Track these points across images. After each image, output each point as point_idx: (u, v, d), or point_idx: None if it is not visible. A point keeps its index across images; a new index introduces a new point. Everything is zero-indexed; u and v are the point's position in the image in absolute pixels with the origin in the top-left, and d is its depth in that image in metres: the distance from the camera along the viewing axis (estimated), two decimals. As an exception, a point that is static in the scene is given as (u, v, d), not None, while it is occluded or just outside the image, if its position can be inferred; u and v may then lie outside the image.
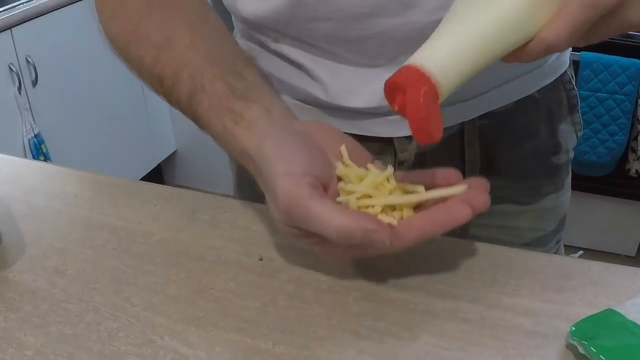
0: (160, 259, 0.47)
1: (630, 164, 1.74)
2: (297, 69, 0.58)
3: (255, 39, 0.59)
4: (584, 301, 0.41)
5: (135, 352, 0.38)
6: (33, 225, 0.51)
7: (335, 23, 0.51)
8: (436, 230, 0.39)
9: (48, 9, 1.80)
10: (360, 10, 0.50)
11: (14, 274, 0.46)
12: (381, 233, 0.37)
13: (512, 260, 0.46)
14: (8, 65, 1.71)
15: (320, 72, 0.56)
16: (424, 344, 0.38)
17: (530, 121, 0.62)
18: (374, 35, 0.52)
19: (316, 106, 0.59)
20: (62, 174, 0.59)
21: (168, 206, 0.53)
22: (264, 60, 0.60)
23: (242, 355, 0.38)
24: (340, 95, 0.56)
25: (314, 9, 0.51)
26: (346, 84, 0.56)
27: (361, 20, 0.51)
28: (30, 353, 0.39)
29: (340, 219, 0.37)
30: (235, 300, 0.42)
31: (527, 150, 0.62)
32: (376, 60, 0.54)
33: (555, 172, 0.65)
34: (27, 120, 1.78)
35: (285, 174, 0.39)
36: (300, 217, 0.38)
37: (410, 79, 0.37)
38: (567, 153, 0.66)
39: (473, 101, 0.58)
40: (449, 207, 0.39)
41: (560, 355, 0.37)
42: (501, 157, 0.62)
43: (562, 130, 0.64)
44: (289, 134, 0.43)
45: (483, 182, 0.42)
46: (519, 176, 0.63)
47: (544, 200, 0.65)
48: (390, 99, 0.38)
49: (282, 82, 0.60)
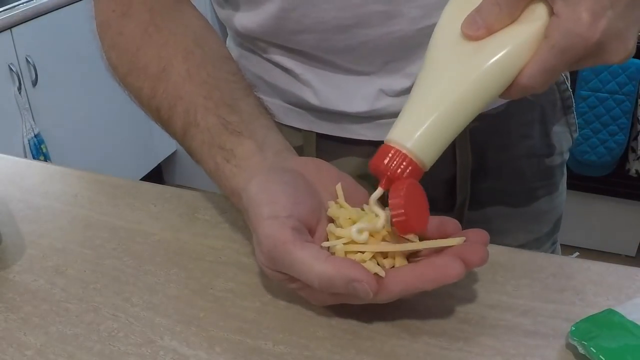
0: (160, 259, 0.47)
1: (630, 164, 1.74)
2: (287, 74, 0.58)
3: (246, 46, 0.60)
4: (584, 301, 0.41)
5: (135, 352, 0.38)
6: (33, 225, 0.51)
7: (320, 34, 0.51)
8: (424, 286, 0.36)
9: (48, 9, 1.80)
10: (342, 22, 0.50)
11: (14, 274, 0.46)
12: (365, 284, 0.35)
13: (512, 260, 0.46)
14: (8, 65, 1.71)
15: (310, 77, 0.56)
16: (424, 344, 0.38)
17: (523, 123, 0.61)
18: (359, 45, 0.52)
19: (307, 109, 0.59)
20: (62, 174, 0.59)
21: (168, 206, 0.53)
22: (255, 65, 0.60)
23: (242, 355, 0.38)
24: (331, 100, 0.56)
25: (297, 22, 0.51)
26: (336, 89, 0.56)
27: (345, 32, 0.51)
28: (30, 353, 0.39)
29: (321, 267, 0.35)
30: (235, 300, 0.42)
31: (520, 152, 0.62)
32: (364, 67, 0.54)
33: (549, 174, 0.65)
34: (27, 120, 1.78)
35: (269, 217, 0.38)
36: (282, 262, 0.37)
37: (392, 166, 0.37)
38: (561, 155, 0.65)
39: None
40: (441, 262, 0.36)
41: (560, 355, 0.37)
42: (493, 159, 0.61)
43: (556, 132, 0.63)
44: (278, 173, 0.41)
45: (483, 235, 0.40)
46: (512, 178, 0.62)
47: (538, 202, 0.64)
48: (377, 174, 0.38)
49: (272, 85, 0.60)
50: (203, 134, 0.45)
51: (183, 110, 0.46)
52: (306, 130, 0.60)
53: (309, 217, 0.40)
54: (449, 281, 0.35)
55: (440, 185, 0.61)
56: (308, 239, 0.38)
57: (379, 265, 0.39)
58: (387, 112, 0.56)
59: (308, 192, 0.41)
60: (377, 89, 0.55)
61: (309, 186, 0.42)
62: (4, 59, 1.70)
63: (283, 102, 0.60)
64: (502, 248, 0.47)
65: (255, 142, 0.44)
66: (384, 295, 0.36)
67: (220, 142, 0.44)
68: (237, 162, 0.43)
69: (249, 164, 0.42)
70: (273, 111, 0.62)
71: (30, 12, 1.75)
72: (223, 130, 0.44)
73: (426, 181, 0.59)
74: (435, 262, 0.37)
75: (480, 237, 0.39)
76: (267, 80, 0.60)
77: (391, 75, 0.54)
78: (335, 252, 0.38)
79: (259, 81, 0.61)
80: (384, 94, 0.55)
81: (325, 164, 0.45)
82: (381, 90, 0.55)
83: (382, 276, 0.37)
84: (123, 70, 0.51)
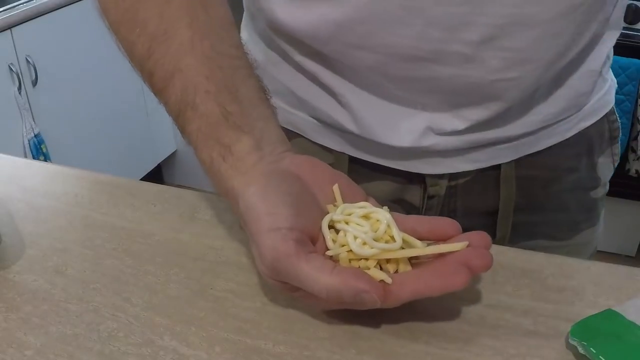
0: (160, 259, 0.47)
1: (630, 164, 1.74)
2: (324, 91, 0.54)
3: (277, 47, 0.55)
4: (584, 301, 0.41)
5: (135, 352, 0.38)
6: (33, 225, 0.51)
7: (382, 57, 0.48)
8: (431, 293, 0.36)
9: (48, 9, 1.80)
10: (415, 53, 0.47)
11: (14, 274, 0.46)
12: (372, 294, 0.35)
13: (512, 260, 0.46)
14: (8, 65, 1.71)
15: (352, 100, 0.52)
16: (424, 344, 0.38)
17: (570, 156, 0.59)
18: (423, 79, 0.48)
19: (341, 132, 0.56)
20: (62, 174, 0.59)
21: (168, 206, 0.53)
22: (285, 74, 0.56)
23: (242, 355, 0.38)
24: (371, 129, 0.53)
25: (360, 37, 0.47)
26: (379, 118, 0.52)
27: (413, 62, 0.47)
28: (30, 353, 0.39)
29: (328, 279, 0.35)
30: (235, 300, 0.42)
31: (566, 185, 0.60)
32: (418, 100, 0.51)
33: (593, 207, 0.63)
34: (27, 120, 1.78)
35: (271, 229, 0.37)
36: (286, 274, 0.37)
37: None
38: (604, 186, 0.63)
39: (510, 144, 0.55)
40: (447, 270, 0.36)
41: (560, 355, 0.37)
42: (538, 193, 0.59)
43: (601, 164, 0.61)
44: (276, 180, 0.40)
45: (485, 238, 0.39)
46: (555, 212, 0.60)
47: (579, 235, 0.62)
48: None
49: (303, 101, 0.56)
50: (200, 120, 0.42)
51: (181, 87, 0.43)
52: (338, 152, 0.58)
53: (311, 227, 0.39)
54: (454, 289, 0.36)
55: (481, 217, 0.59)
56: (311, 249, 0.38)
57: (383, 269, 0.39)
58: (432, 150, 0.53)
59: (307, 200, 0.40)
60: (425, 126, 0.52)
61: (307, 192, 0.41)
62: (4, 59, 1.70)
63: (314, 119, 0.57)
64: (502, 248, 0.47)
65: (253, 138, 0.42)
66: (391, 301, 0.36)
67: (218, 135, 0.42)
68: (234, 162, 0.41)
69: (246, 165, 0.41)
70: (301, 127, 0.59)
71: (30, 12, 1.75)
72: (222, 121, 0.42)
73: (466, 212, 0.59)
74: (441, 269, 0.37)
75: (483, 240, 0.39)
76: (298, 95, 0.56)
77: (444, 113, 0.51)
78: (340, 260, 0.38)
79: (287, 92, 0.57)
80: (431, 131, 0.52)
81: (320, 163, 0.44)
82: (429, 128, 0.52)
83: (388, 283, 0.37)
84: (116, 17, 0.47)
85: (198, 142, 0.43)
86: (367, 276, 0.36)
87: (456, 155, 0.55)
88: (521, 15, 0.44)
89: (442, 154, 0.55)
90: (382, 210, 0.40)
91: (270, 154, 0.42)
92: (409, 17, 0.45)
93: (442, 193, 0.57)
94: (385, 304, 0.36)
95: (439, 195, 0.57)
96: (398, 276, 0.38)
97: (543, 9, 0.43)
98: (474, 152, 0.55)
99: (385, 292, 0.36)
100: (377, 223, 0.39)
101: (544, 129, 0.55)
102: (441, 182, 0.57)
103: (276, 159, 0.42)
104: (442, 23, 0.45)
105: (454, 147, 0.54)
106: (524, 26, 0.45)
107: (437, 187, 0.57)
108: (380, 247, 0.38)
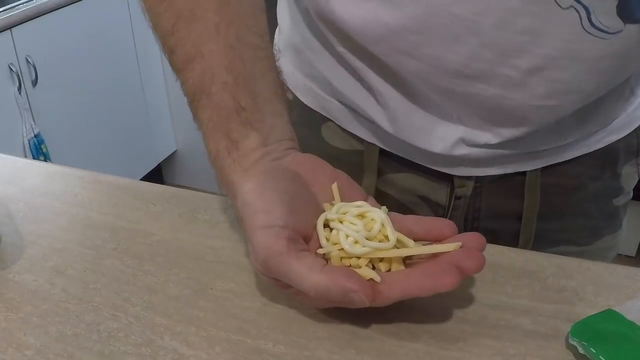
0: (160, 259, 0.47)
1: (630, 164, 1.73)
2: (362, 86, 0.54)
3: (321, 34, 0.54)
4: (584, 301, 0.41)
5: (135, 352, 0.38)
6: (33, 225, 0.51)
7: (429, 68, 0.48)
8: (421, 293, 0.36)
9: (48, 9, 1.80)
10: (463, 70, 0.46)
11: (14, 274, 0.46)
12: (361, 294, 0.35)
13: (512, 260, 0.46)
14: (8, 65, 1.71)
15: (390, 101, 0.53)
16: (424, 344, 0.38)
17: (595, 165, 0.59)
18: (465, 94, 0.49)
19: (371, 124, 0.56)
20: (62, 174, 0.59)
21: (168, 206, 0.53)
22: (321, 60, 0.55)
23: (242, 355, 0.38)
24: (406, 131, 0.54)
25: (410, 45, 0.47)
26: (416, 122, 0.53)
27: (459, 78, 0.47)
28: (30, 353, 0.39)
29: (317, 278, 0.36)
30: (235, 300, 0.42)
31: (589, 194, 0.60)
32: (457, 112, 0.51)
33: (615, 215, 0.63)
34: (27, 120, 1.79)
35: (264, 226, 0.38)
36: (277, 271, 0.37)
37: None
38: (628, 194, 0.63)
39: (537, 155, 0.56)
40: (437, 270, 0.36)
41: (560, 355, 0.37)
42: (562, 200, 0.59)
43: (625, 173, 0.62)
44: (274, 178, 0.41)
45: (479, 239, 0.39)
46: (578, 218, 0.61)
47: (601, 240, 0.62)
48: None
49: (337, 90, 0.56)
50: (213, 110, 0.42)
51: (199, 72, 0.43)
52: (369, 143, 0.58)
53: (305, 226, 0.39)
54: (444, 290, 0.35)
55: (505, 221, 0.59)
56: (303, 247, 0.38)
57: (375, 268, 0.39)
58: (463, 159, 0.54)
59: (304, 198, 0.41)
60: (458, 137, 0.53)
61: (305, 190, 0.41)
62: (4, 59, 1.70)
63: (347, 108, 0.57)
64: (502, 248, 0.47)
65: (261, 134, 0.42)
66: (380, 300, 0.36)
67: (228, 129, 0.42)
68: (238, 157, 0.42)
69: (248, 161, 0.42)
70: (334, 113, 0.59)
71: (30, 12, 1.75)
72: (234, 116, 0.42)
73: (491, 214, 0.59)
74: (431, 269, 0.37)
75: (477, 241, 0.39)
76: (334, 84, 0.56)
77: (479, 128, 0.52)
78: (331, 258, 0.39)
79: (323, 79, 0.57)
80: (463, 142, 0.53)
81: (320, 162, 0.44)
82: (462, 139, 0.53)
83: (377, 281, 0.37)
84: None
85: (207, 131, 0.43)
86: (356, 275, 0.36)
87: (484, 164, 0.56)
88: (574, 51, 0.44)
89: (472, 163, 0.56)
90: (378, 209, 0.40)
91: (274, 150, 0.43)
92: (465, 36, 0.44)
93: (469, 194, 0.58)
94: (374, 303, 0.36)
95: (466, 196, 0.58)
96: (388, 275, 0.38)
97: (597, 47, 0.44)
98: (501, 159, 0.56)
99: (374, 292, 0.36)
100: (372, 222, 0.39)
101: (572, 143, 0.56)
102: (468, 183, 0.57)
103: (279, 156, 0.43)
104: (497, 46, 0.44)
105: (484, 157, 0.55)
106: (574, 60, 0.45)
107: (464, 189, 0.58)
108: (372, 245, 0.38)
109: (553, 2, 0.41)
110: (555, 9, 0.42)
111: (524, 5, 0.42)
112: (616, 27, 0.42)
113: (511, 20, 0.43)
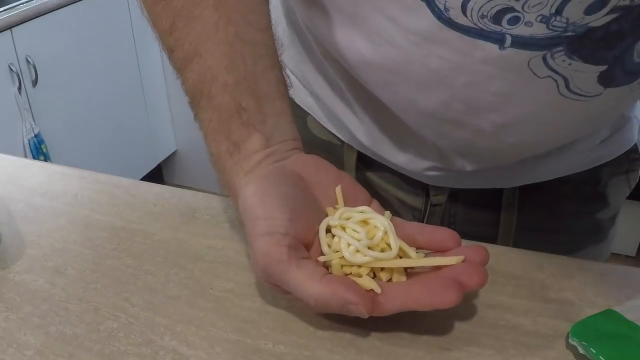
0: (160, 259, 0.47)
1: (630, 164, 1.73)
2: (340, 100, 0.54)
3: (307, 41, 0.53)
4: (584, 301, 0.41)
5: (135, 352, 0.38)
6: (33, 225, 0.51)
7: (404, 103, 0.47)
8: (420, 308, 0.36)
9: (48, 9, 1.80)
10: (435, 114, 0.45)
11: (14, 274, 0.46)
12: (360, 306, 0.35)
13: (512, 261, 0.46)
14: (8, 65, 1.71)
15: (367, 119, 0.53)
16: (424, 344, 0.38)
17: (576, 182, 0.57)
18: (438, 131, 0.48)
19: (346, 129, 0.57)
20: (62, 174, 0.59)
21: (168, 206, 0.53)
22: (302, 61, 0.55)
23: (242, 355, 0.38)
24: (382, 147, 0.54)
25: (385, 80, 0.46)
26: (392, 141, 0.53)
27: (430, 117, 0.46)
28: (30, 353, 0.39)
29: (317, 288, 0.35)
30: (235, 300, 0.42)
31: (571, 209, 0.58)
32: (434, 142, 0.50)
33: (599, 228, 0.61)
34: (27, 120, 1.79)
35: (265, 234, 0.37)
36: (277, 279, 0.37)
37: None
38: (615, 208, 0.61)
39: (514, 176, 0.55)
40: (439, 285, 0.36)
41: (560, 355, 0.37)
42: (541, 216, 0.58)
43: (612, 185, 0.59)
44: (276, 182, 0.40)
45: (483, 253, 0.38)
46: (558, 232, 0.59)
47: (582, 251, 0.60)
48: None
49: (316, 94, 0.56)
50: (214, 111, 0.42)
51: (198, 73, 0.42)
52: (348, 144, 0.59)
53: (306, 232, 0.39)
54: (445, 307, 0.35)
55: (482, 227, 0.58)
56: (304, 254, 0.38)
57: (376, 277, 0.38)
58: (436, 177, 0.54)
59: (306, 203, 0.40)
60: (432, 163, 0.53)
61: (308, 194, 0.41)
62: (4, 59, 1.70)
63: (328, 111, 0.57)
64: (502, 248, 0.47)
65: (263, 135, 0.41)
66: (378, 312, 0.36)
67: (229, 131, 0.41)
68: (239, 159, 0.41)
69: (250, 163, 0.41)
70: (315, 111, 0.59)
71: (30, 12, 1.75)
72: (235, 117, 0.41)
73: (467, 220, 0.58)
74: (433, 284, 0.36)
75: (480, 255, 0.38)
76: (316, 90, 0.56)
77: (454, 157, 0.51)
78: (332, 266, 0.38)
79: (305, 80, 0.57)
80: (436, 168, 0.53)
81: (324, 164, 0.43)
82: (436, 165, 0.53)
83: (378, 292, 0.36)
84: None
85: (208, 132, 0.42)
86: (356, 286, 0.36)
87: (459, 182, 0.56)
88: (549, 112, 0.42)
89: (445, 181, 0.56)
90: (382, 216, 0.40)
91: (277, 151, 0.42)
92: (437, 86, 0.43)
93: (444, 201, 0.57)
94: (374, 314, 0.36)
95: (440, 204, 0.58)
96: (388, 287, 0.37)
97: (574, 107, 0.42)
98: (476, 178, 0.55)
99: (373, 304, 0.35)
100: (375, 229, 0.39)
101: (551, 166, 0.55)
102: (444, 192, 0.57)
103: (282, 157, 0.42)
104: (468, 101, 0.43)
105: (458, 177, 0.55)
106: (549, 118, 0.43)
107: (440, 197, 0.57)
108: (373, 255, 0.38)
109: (529, 72, 0.39)
110: (532, 77, 0.39)
111: (499, 72, 0.40)
112: (596, 92, 0.40)
113: (484, 82, 0.41)
